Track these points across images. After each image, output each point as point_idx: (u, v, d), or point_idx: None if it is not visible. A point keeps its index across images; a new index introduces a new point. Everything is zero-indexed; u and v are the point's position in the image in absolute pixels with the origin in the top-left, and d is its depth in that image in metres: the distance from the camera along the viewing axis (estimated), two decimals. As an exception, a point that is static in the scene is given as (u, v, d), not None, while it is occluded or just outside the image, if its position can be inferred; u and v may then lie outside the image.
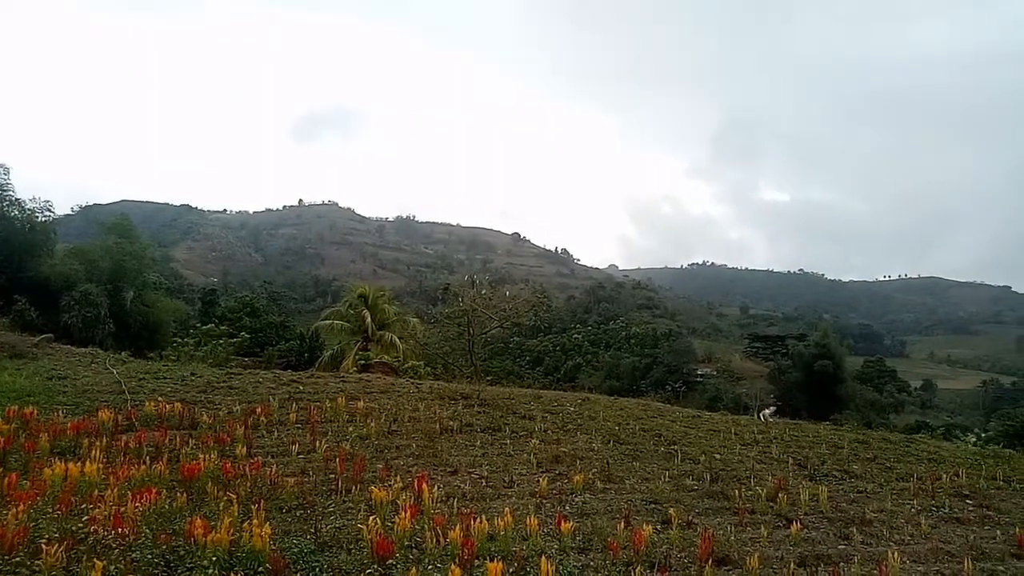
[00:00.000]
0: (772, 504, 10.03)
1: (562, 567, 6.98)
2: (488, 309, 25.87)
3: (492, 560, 6.50)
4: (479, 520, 7.59)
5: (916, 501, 11.01)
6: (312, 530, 7.54)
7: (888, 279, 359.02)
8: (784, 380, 76.09)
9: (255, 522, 6.83)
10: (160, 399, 13.91)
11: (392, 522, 7.53)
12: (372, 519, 7.32)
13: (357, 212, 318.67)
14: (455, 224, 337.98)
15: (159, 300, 42.22)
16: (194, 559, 6.37)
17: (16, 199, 34.50)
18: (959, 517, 10.32)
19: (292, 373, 20.94)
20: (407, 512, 7.56)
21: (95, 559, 5.86)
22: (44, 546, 5.99)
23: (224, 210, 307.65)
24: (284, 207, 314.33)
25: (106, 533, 6.66)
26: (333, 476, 9.71)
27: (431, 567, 6.68)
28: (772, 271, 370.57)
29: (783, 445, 14.97)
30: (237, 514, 7.37)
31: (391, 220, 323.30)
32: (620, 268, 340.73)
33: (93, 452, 9.67)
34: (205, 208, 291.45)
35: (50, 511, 7.37)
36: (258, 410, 13.61)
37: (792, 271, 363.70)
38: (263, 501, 7.91)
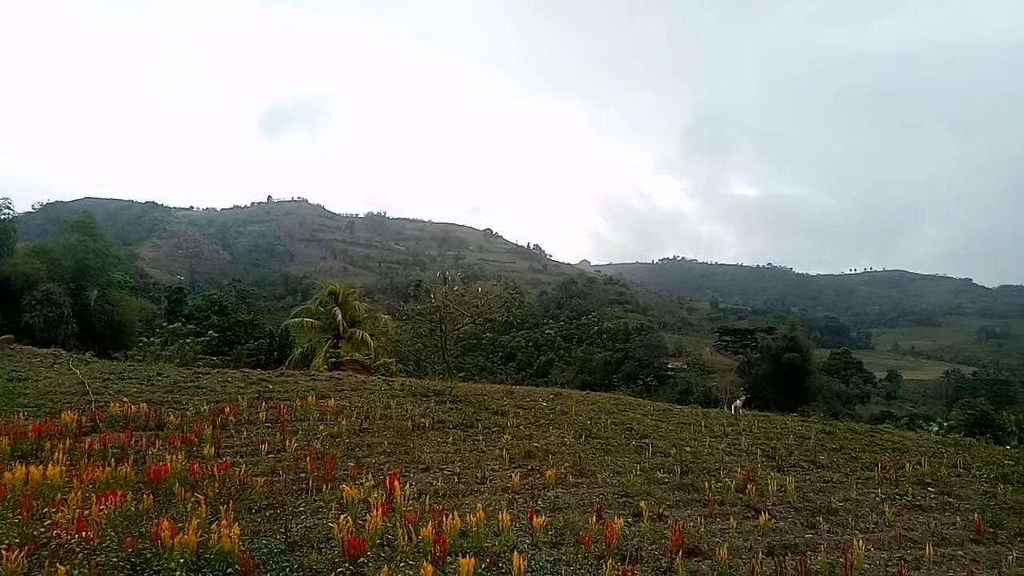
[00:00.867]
0: (741, 495, 10.16)
1: (534, 562, 7.01)
2: (460, 305, 25.77)
3: (464, 556, 6.51)
4: (451, 516, 7.59)
5: (880, 490, 11.24)
6: (282, 530, 7.47)
7: (854, 272, 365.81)
8: (753, 373, 77.13)
9: (224, 523, 6.74)
10: (125, 400, 13.66)
11: (364, 520, 7.49)
12: (343, 518, 7.28)
13: (327, 209, 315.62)
14: (427, 220, 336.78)
15: (124, 299, 41.50)
16: (161, 562, 6.27)
17: (-28, 197, 33.52)
18: (921, 504, 10.57)
19: (261, 372, 20.70)
20: (379, 510, 7.53)
21: (58, 564, 5.76)
22: (4, 552, 5.85)
23: (191, 207, 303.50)
24: (253, 204, 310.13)
25: (69, 537, 6.52)
26: (303, 475, 9.62)
27: (403, 565, 6.66)
28: (742, 265, 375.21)
29: (752, 437, 15.17)
30: (205, 515, 7.28)
31: (362, 216, 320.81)
32: (592, 263, 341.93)
33: (56, 455, 9.48)
34: (171, 205, 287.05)
35: (11, 516, 7.20)
36: (226, 410, 13.43)
37: (761, 265, 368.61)
38: (232, 502, 7.83)
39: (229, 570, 6.24)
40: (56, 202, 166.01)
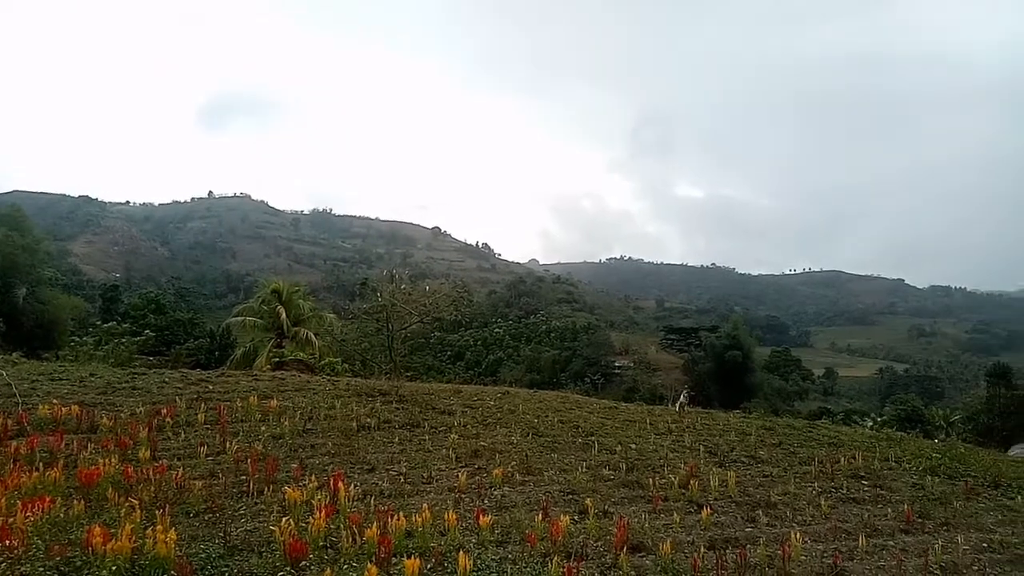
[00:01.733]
0: (684, 491, 10.35)
1: (480, 561, 7.00)
2: (408, 304, 25.59)
3: (410, 557, 6.46)
4: (396, 517, 7.52)
5: (817, 483, 11.60)
6: (221, 534, 7.27)
7: (793, 273, 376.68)
8: (697, 370, 78.79)
9: (159, 528, 6.52)
10: (56, 402, 13.07)
11: (306, 523, 7.35)
12: (285, 520, 7.14)
13: (271, 205, 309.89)
14: (374, 218, 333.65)
15: (55, 297, 39.97)
16: (92, 570, 6.04)
17: None
18: (855, 497, 10.95)
19: (201, 372, 20.12)
20: (322, 512, 7.41)
21: (-22, 575, 5.48)
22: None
23: (127, 202, 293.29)
24: (193, 199, 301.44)
25: (-9, 547, 6.21)
26: (244, 477, 9.39)
27: (347, 567, 6.57)
28: (686, 265, 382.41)
29: (695, 434, 15.48)
30: (140, 520, 7.03)
31: (307, 213, 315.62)
32: (541, 262, 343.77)
33: (-22, 460, 9.02)
34: (106, 200, 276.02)
35: (-72, 526, 6.82)
36: (163, 411, 13.00)
37: (705, 265, 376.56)
38: (168, 506, 7.57)
39: (165, 576, 6.05)
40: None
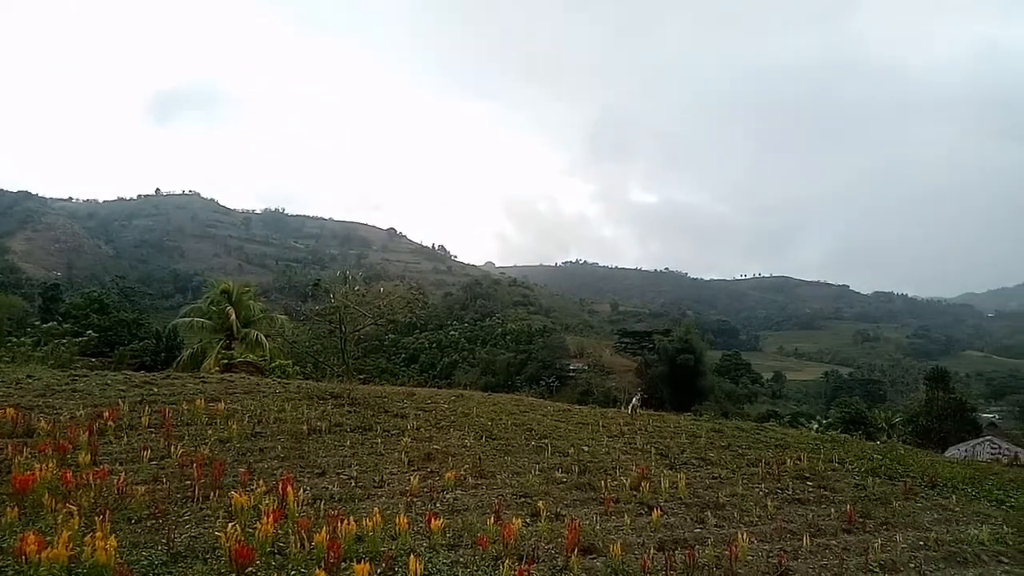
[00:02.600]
0: (635, 493, 10.46)
1: (431, 565, 6.96)
2: (361, 306, 25.38)
3: (359, 562, 6.39)
4: (346, 522, 7.41)
5: (764, 484, 11.86)
6: (164, 540, 7.06)
7: (744, 278, 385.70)
8: (650, 373, 79.78)
9: (99, 535, 6.31)
10: (-11, 405, 12.55)
11: (254, 528, 7.20)
12: (231, 526, 6.98)
13: (221, 203, 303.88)
14: (328, 218, 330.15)
15: (-9, 296, 38.25)
16: (25, 579, 5.81)
17: None
18: (800, 498, 11.23)
19: (146, 374, 19.54)
20: (270, 517, 7.26)
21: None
22: None
23: (70, 198, 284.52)
24: (139, 196, 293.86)
25: (-85, 557, 5.94)
26: (189, 482, 9.14)
27: (295, 572, 6.47)
28: (640, 269, 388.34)
29: (647, 436, 15.66)
30: (78, 527, 6.81)
31: (258, 212, 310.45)
32: (497, 265, 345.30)
33: (-96, 466, 8.60)
34: (47, 195, 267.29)
35: None
36: (105, 414, 12.56)
37: (659, 269, 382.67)
38: (109, 512, 7.33)
39: (103, 585, 5.86)
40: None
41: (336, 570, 6.51)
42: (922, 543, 9.29)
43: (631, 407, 19.79)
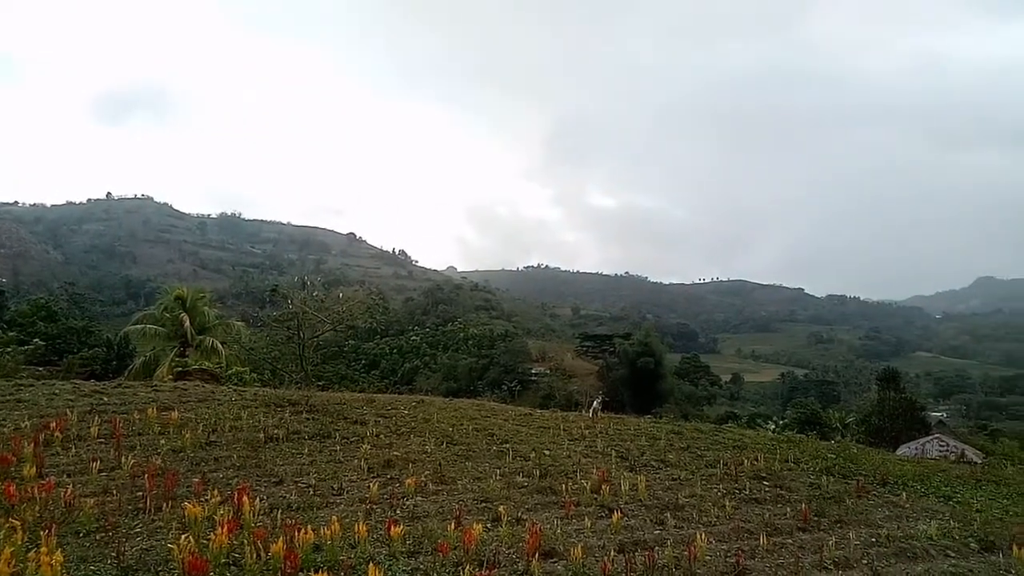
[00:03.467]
0: (596, 496, 10.51)
1: (391, 572, 6.91)
2: (320, 312, 25.06)
3: (317, 571, 6.32)
4: (304, 531, 7.28)
5: (722, 485, 12.02)
6: (114, 554, 6.87)
7: (702, 281, 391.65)
8: (611, 377, 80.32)
9: (44, 550, 6.10)
10: (-73, 417, 12.06)
11: (208, 539, 7.04)
12: (184, 537, 6.82)
13: (175, 208, 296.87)
14: (286, 223, 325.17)
15: (-70, 303, 36.77)
16: (-36, 598, 5.58)
17: None
18: (757, 497, 11.41)
19: (96, 383, 18.97)
20: (225, 527, 7.11)
21: None
22: None
23: (15, 202, 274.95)
24: (89, 200, 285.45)
25: None
26: (141, 494, 8.90)
27: (250, 584, 6.33)
28: (601, 274, 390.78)
29: (607, 439, 15.76)
30: (22, 542, 6.56)
31: (214, 217, 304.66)
32: (459, 270, 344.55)
33: None
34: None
35: None
36: (52, 425, 12.16)
37: (619, 274, 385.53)
38: (55, 526, 7.09)
39: (48, 602, 5.65)
40: None
41: (293, 580, 6.41)
42: (874, 540, 9.50)
43: (592, 410, 19.90)
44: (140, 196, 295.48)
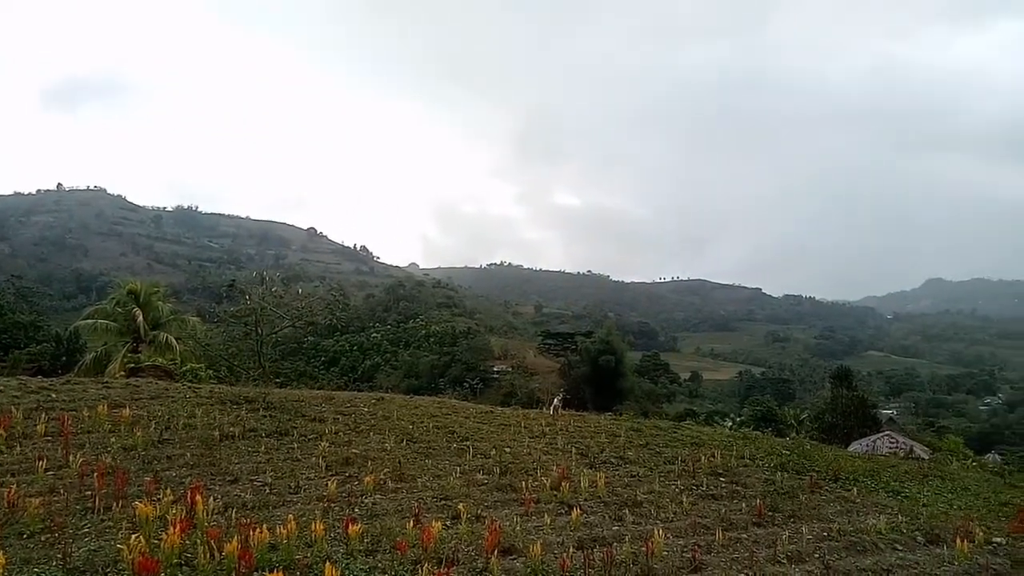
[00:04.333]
0: (556, 492, 10.56)
1: (348, 571, 6.84)
2: (279, 308, 24.68)
3: (273, 571, 6.22)
4: (259, 530, 7.17)
5: (680, 481, 12.18)
6: (60, 556, 6.66)
7: (663, 280, 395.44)
8: (573, 374, 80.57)
9: (-16, 552, 5.89)
10: None
11: (159, 539, 6.87)
12: (135, 537, 6.65)
13: (129, 200, 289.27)
14: (244, 217, 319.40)
15: None
16: (-102, 603, 5.35)
17: None
18: (714, 493, 11.59)
19: (44, 379, 18.39)
20: (177, 527, 6.94)
21: None
22: None
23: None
24: (39, 191, 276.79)
25: None
26: (90, 493, 8.65)
27: (202, 585, 6.20)
28: (564, 272, 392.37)
29: (568, 436, 15.85)
30: (-39, 545, 6.32)
31: (170, 210, 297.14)
32: (421, 267, 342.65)
33: None
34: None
35: None
36: (-4, 423, 11.76)
37: (582, 272, 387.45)
38: (-2, 527, 6.86)
39: (-12, 606, 5.47)
40: None
41: (248, 580, 6.30)
42: (826, 534, 9.73)
43: (553, 408, 19.98)
44: (93, 188, 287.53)
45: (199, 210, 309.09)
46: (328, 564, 6.35)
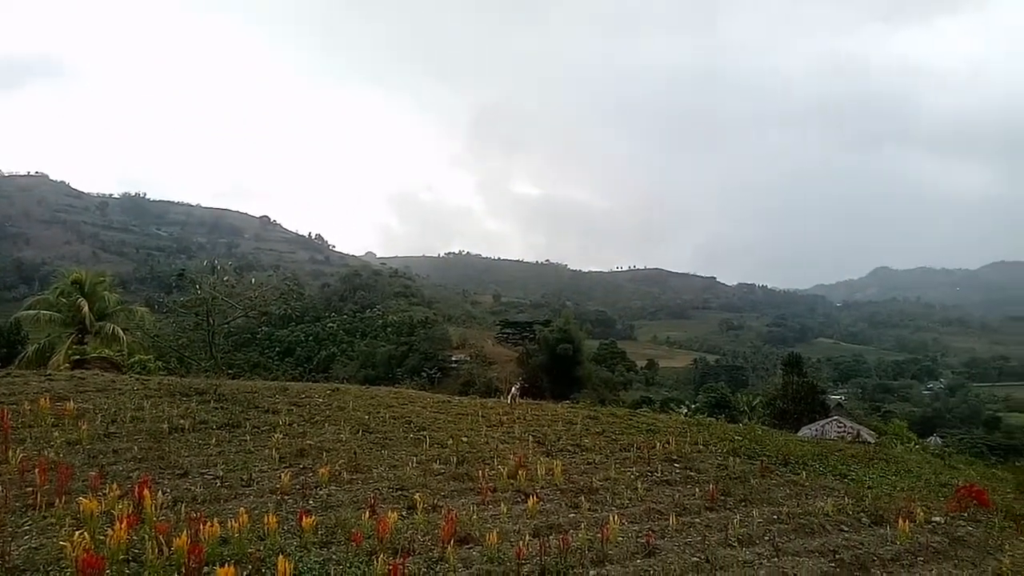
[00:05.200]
0: (513, 481, 10.58)
1: (302, 564, 6.73)
2: (231, 297, 24.20)
3: (224, 565, 6.06)
4: (210, 523, 7.00)
5: (635, 468, 12.33)
6: (-1, 554, 6.42)
7: (620, 270, 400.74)
8: (531, 363, 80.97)
9: (-85, 553, 5.64)
10: None
11: (105, 535, 6.67)
12: (79, 534, 6.43)
13: (73, 187, 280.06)
14: (195, 204, 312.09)
15: None
16: None
17: None
18: (668, 479, 11.77)
19: (-18, 372, 17.71)
20: (123, 522, 6.74)
21: None
22: None
23: None
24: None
25: None
26: (31, 489, 8.33)
27: (150, 581, 6.04)
28: (523, 261, 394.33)
29: (525, 424, 15.89)
30: None
31: (117, 197, 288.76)
32: (378, 256, 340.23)
33: None
34: None
35: None
36: (-70, 418, 11.26)
37: (540, 261, 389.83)
38: (-70, 527, 6.57)
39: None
40: None
41: (198, 575, 6.16)
42: (776, 517, 9.97)
43: (510, 396, 20.02)
44: (34, 173, 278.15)
45: (147, 197, 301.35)
46: (281, 557, 6.24)
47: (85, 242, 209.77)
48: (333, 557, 7.10)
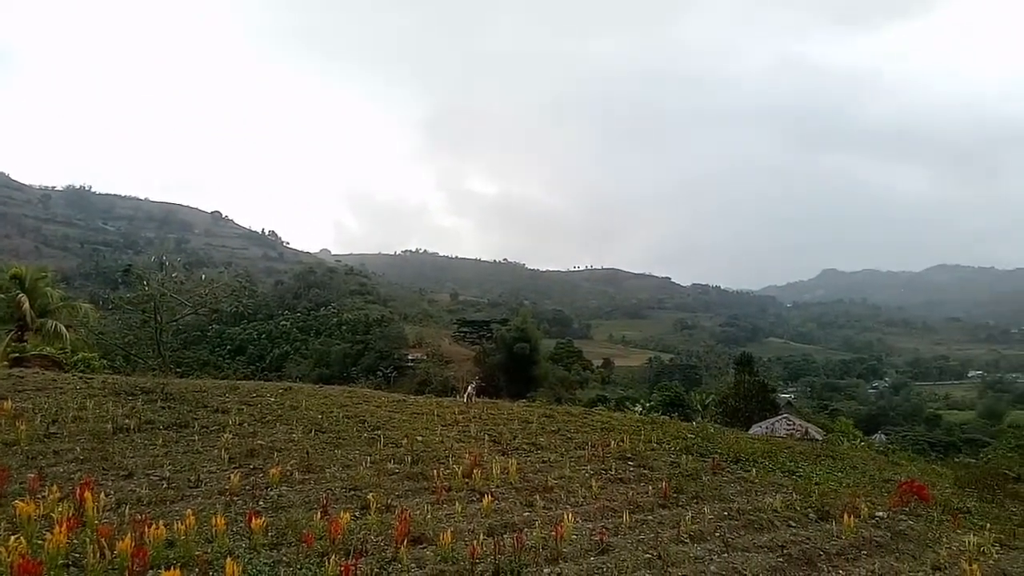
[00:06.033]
0: (468, 480, 10.54)
1: (251, 566, 6.60)
2: (181, 294, 23.60)
3: (170, 568, 5.92)
4: (155, 526, 6.82)
5: (590, 466, 12.40)
6: (-73, 562, 6.13)
7: (577, 269, 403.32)
8: (488, 362, 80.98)
9: None
10: None
11: (43, 539, 6.43)
12: (14, 539, 6.19)
13: (13, 178, 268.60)
14: (143, 198, 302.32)
15: None
16: None
17: None
18: (622, 477, 11.87)
19: (-87, 371, 16.95)
20: (63, 526, 6.50)
21: None
22: None
23: None
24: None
25: None
26: (-36, 493, 8.01)
27: (91, 586, 5.85)
28: (480, 260, 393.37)
29: (481, 424, 15.86)
30: None
31: (60, 189, 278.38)
32: (333, 253, 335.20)
33: None
34: None
35: None
36: None
37: (498, 260, 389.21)
38: None
39: None
40: None
41: (142, 579, 5.99)
42: (726, 513, 10.14)
43: (467, 395, 19.98)
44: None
45: (93, 190, 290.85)
46: (230, 559, 6.11)
47: (26, 236, 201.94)
48: (284, 559, 6.98)
